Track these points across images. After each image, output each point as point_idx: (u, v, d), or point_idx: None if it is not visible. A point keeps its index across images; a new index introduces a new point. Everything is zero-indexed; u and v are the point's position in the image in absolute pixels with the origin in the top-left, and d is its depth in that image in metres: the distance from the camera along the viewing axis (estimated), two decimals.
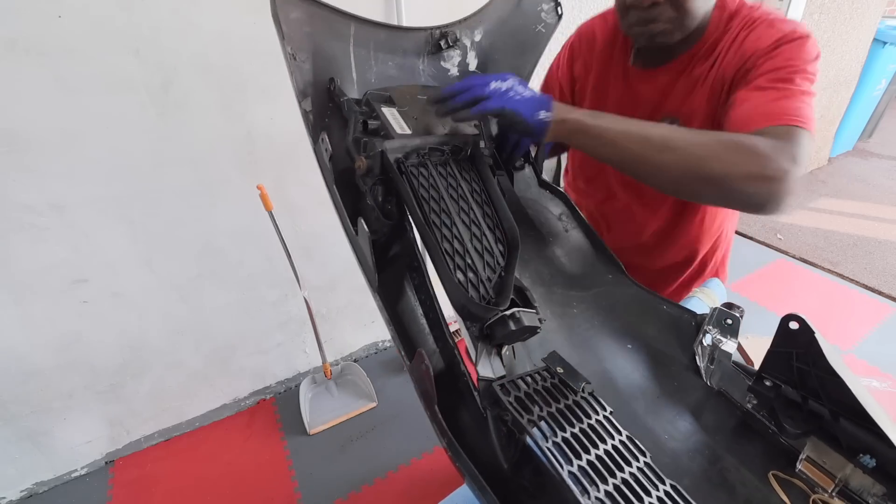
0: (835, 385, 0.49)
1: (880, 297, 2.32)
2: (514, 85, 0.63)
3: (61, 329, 1.31)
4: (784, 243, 2.76)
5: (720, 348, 0.62)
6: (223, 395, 1.70)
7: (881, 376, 1.86)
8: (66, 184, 1.17)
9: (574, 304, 0.72)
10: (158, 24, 1.12)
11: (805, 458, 0.53)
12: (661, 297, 0.71)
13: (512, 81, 0.63)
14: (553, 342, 0.67)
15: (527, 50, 0.83)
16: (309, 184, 1.47)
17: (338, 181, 0.62)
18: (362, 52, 0.72)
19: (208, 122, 1.27)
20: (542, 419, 0.47)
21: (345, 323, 1.84)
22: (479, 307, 0.51)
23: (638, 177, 0.63)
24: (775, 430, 0.56)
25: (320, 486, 1.49)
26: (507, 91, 0.62)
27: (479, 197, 0.64)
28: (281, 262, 1.46)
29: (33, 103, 1.07)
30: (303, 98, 0.65)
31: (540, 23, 0.82)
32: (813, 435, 0.53)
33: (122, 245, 1.30)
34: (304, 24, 0.65)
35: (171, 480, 1.52)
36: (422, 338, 0.60)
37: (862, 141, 4.05)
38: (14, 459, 1.39)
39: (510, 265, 0.57)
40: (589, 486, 0.42)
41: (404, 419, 1.69)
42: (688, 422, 0.60)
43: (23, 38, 1.01)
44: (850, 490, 0.50)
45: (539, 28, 0.82)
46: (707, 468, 0.55)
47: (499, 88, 0.62)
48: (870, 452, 0.49)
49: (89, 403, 1.45)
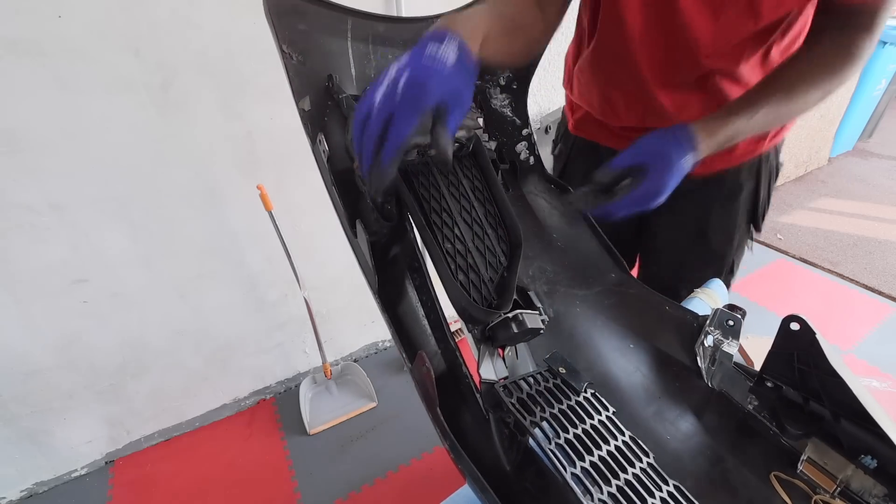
0: (836, 386, 0.49)
1: (880, 297, 2.32)
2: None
3: (61, 329, 1.31)
4: (784, 243, 2.76)
5: (721, 349, 0.62)
6: (223, 395, 1.70)
7: (881, 376, 1.86)
8: (66, 184, 1.17)
9: (577, 303, 0.72)
10: (158, 23, 1.12)
11: (806, 459, 0.53)
12: (664, 298, 0.71)
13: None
14: (555, 341, 0.67)
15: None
16: (309, 184, 1.47)
17: (337, 181, 0.61)
18: (360, 46, 0.70)
19: (208, 122, 1.27)
20: (545, 420, 0.47)
21: (345, 323, 1.84)
22: (480, 311, 0.50)
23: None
24: (776, 431, 0.57)
25: (320, 486, 1.49)
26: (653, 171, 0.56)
27: (481, 194, 0.63)
28: (281, 262, 1.46)
29: (33, 103, 1.07)
30: (300, 97, 0.64)
31: None
32: (814, 436, 0.53)
33: (122, 245, 1.30)
34: (298, 21, 0.64)
35: (171, 480, 1.51)
36: (423, 339, 0.59)
37: (862, 141, 4.05)
38: (14, 459, 1.39)
39: (513, 265, 0.56)
40: (592, 488, 0.42)
41: (404, 419, 1.69)
42: (689, 422, 0.60)
43: (23, 38, 1.01)
44: (852, 491, 0.50)
45: None
46: (709, 469, 0.55)
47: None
48: (871, 453, 0.49)
49: (89, 403, 1.44)
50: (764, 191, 0.88)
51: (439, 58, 0.44)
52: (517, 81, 0.82)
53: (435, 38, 0.45)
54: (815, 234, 2.83)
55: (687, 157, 0.57)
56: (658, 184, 0.56)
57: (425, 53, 0.44)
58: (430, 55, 0.44)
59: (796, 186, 3.33)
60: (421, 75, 0.43)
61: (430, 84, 0.43)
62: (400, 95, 0.42)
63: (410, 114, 0.42)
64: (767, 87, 0.64)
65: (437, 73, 0.43)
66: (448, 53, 0.45)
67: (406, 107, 0.42)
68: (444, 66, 0.44)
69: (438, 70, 0.44)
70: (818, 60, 0.63)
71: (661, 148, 0.57)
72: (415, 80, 0.43)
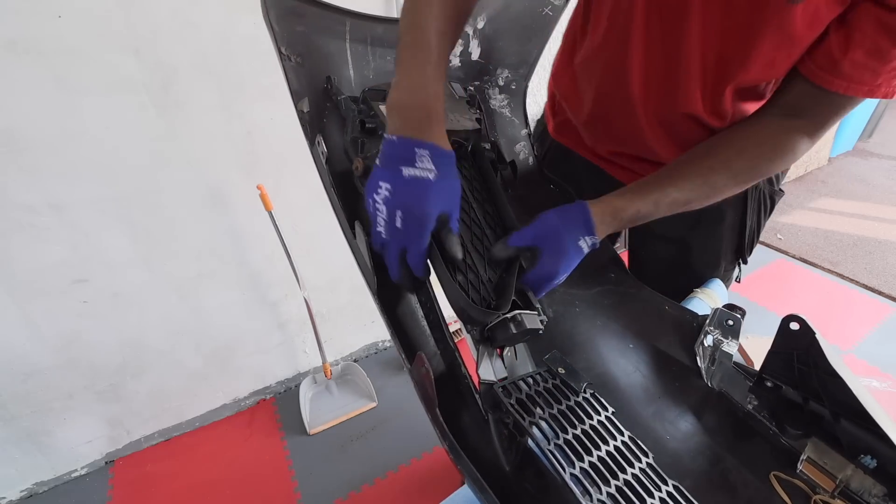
0: (836, 386, 0.49)
1: (880, 297, 2.32)
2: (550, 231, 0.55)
3: (61, 329, 1.31)
4: (784, 243, 2.76)
5: (721, 349, 0.62)
6: (223, 395, 1.70)
7: (881, 376, 1.86)
8: (66, 184, 1.17)
9: (576, 303, 0.72)
10: (158, 23, 1.12)
11: (806, 458, 0.53)
12: (664, 297, 0.71)
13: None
14: (554, 342, 0.67)
15: (533, 35, 0.79)
16: (309, 184, 1.47)
17: (336, 183, 0.61)
18: (359, 47, 0.70)
19: (208, 122, 1.27)
20: (544, 420, 0.47)
21: (345, 323, 1.84)
22: (479, 311, 0.49)
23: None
24: (776, 430, 0.57)
25: (320, 485, 1.49)
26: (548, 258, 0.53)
27: (479, 195, 0.63)
28: (281, 262, 1.46)
29: (33, 103, 1.06)
30: (298, 99, 0.64)
31: (547, 5, 0.77)
32: (814, 436, 0.53)
33: (122, 245, 1.30)
34: (296, 22, 0.64)
35: (171, 480, 1.51)
36: (423, 340, 0.59)
37: (862, 141, 4.05)
38: (14, 459, 1.39)
39: (512, 266, 0.56)
40: (591, 488, 0.42)
41: (404, 419, 1.69)
42: (689, 422, 0.60)
43: (23, 38, 1.01)
44: (851, 491, 0.50)
45: (546, 11, 0.77)
46: (708, 469, 0.55)
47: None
48: (871, 453, 0.49)
49: (89, 403, 1.45)
50: (751, 221, 0.83)
51: (422, 178, 0.46)
52: (515, 82, 0.82)
53: (405, 156, 0.46)
54: (814, 234, 2.83)
55: (580, 240, 0.54)
56: (551, 268, 0.53)
57: (405, 178, 0.46)
58: (411, 178, 0.46)
59: (796, 186, 3.33)
60: (415, 205, 0.46)
61: (427, 209, 0.46)
62: (404, 233, 0.46)
63: (419, 241, 0.47)
64: (684, 168, 0.61)
65: (427, 196, 0.46)
66: (425, 168, 0.46)
67: (414, 238, 0.47)
68: (429, 185, 0.46)
69: (426, 191, 0.46)
70: (751, 149, 0.60)
71: (556, 230, 0.54)
72: (411, 212, 0.46)
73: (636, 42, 0.62)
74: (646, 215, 0.58)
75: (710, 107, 0.63)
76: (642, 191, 0.58)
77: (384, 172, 0.46)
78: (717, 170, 0.60)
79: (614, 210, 0.57)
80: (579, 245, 0.54)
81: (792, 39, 0.53)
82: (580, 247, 0.54)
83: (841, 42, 0.52)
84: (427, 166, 0.46)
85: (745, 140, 0.60)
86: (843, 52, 0.52)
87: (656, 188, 0.58)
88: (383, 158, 0.47)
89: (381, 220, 0.47)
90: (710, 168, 0.60)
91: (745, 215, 0.82)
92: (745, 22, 0.54)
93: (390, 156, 0.47)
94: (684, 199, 0.59)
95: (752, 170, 0.61)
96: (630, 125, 0.70)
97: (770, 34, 0.53)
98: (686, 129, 0.67)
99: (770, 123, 0.60)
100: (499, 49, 0.79)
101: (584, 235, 0.54)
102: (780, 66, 0.57)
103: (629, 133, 0.72)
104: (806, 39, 0.53)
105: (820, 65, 0.54)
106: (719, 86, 0.61)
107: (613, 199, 0.57)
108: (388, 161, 0.47)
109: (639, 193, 0.58)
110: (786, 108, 0.60)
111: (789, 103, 0.59)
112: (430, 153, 0.47)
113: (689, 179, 0.59)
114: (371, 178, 0.47)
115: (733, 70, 0.58)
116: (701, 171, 0.60)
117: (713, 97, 0.62)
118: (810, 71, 0.55)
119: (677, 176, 0.60)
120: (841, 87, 0.53)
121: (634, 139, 0.72)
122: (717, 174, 0.60)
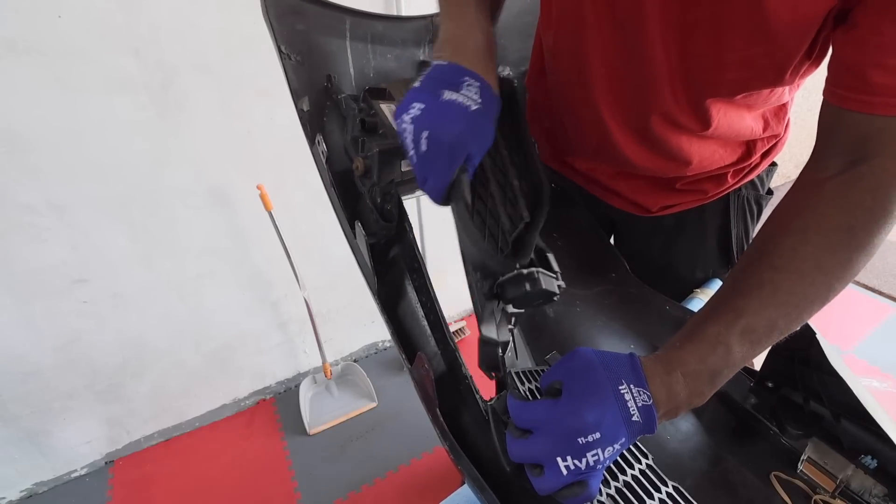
0: (836, 386, 0.49)
1: (880, 297, 2.32)
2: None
3: (61, 329, 1.31)
4: None
5: None
6: (223, 395, 1.69)
7: (881, 376, 1.86)
8: (66, 184, 1.17)
9: (577, 303, 0.72)
10: (158, 23, 1.12)
11: (806, 458, 0.53)
12: (664, 298, 0.71)
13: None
14: (555, 341, 0.67)
15: (535, 32, 0.76)
16: (309, 184, 1.47)
17: (336, 182, 0.61)
18: (359, 46, 0.70)
19: (208, 122, 1.27)
20: None
21: (345, 323, 1.83)
22: (495, 258, 0.43)
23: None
24: (777, 431, 0.57)
25: (320, 486, 1.49)
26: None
27: (508, 142, 0.53)
28: (281, 262, 1.46)
29: (33, 103, 1.07)
30: (298, 98, 0.64)
31: None
32: (814, 436, 0.53)
33: (122, 245, 1.30)
34: (296, 21, 0.64)
35: (171, 480, 1.51)
36: (423, 340, 0.59)
37: None
38: (14, 460, 1.39)
39: (535, 221, 0.48)
40: None
41: (404, 419, 1.69)
42: (689, 422, 0.60)
43: (23, 38, 1.01)
44: (852, 491, 0.50)
45: None
46: (709, 469, 0.55)
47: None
48: (871, 453, 0.49)
49: (89, 403, 1.44)
50: (737, 228, 0.76)
51: (463, 105, 0.41)
52: (517, 79, 0.82)
53: (452, 80, 0.42)
54: None
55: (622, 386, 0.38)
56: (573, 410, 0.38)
57: (444, 100, 0.41)
58: (450, 102, 0.41)
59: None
60: (446, 130, 0.41)
61: (460, 138, 0.41)
62: (426, 159, 0.41)
63: (443, 172, 0.42)
64: (742, 282, 0.44)
65: (463, 125, 0.41)
66: (470, 97, 0.42)
67: (437, 168, 0.42)
68: (468, 115, 0.41)
69: (463, 119, 0.41)
70: (831, 229, 0.42)
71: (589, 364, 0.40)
72: (438, 138, 0.41)
73: (592, 44, 0.57)
74: (716, 364, 0.41)
75: (687, 107, 0.57)
76: (694, 333, 0.42)
77: (420, 93, 0.41)
78: (790, 300, 0.43)
79: (668, 364, 0.41)
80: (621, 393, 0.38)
81: (768, 35, 0.45)
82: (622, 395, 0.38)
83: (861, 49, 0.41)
84: (473, 96, 0.42)
85: (819, 224, 0.43)
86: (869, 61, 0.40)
87: (712, 321, 0.42)
88: (425, 80, 0.42)
89: (408, 142, 0.42)
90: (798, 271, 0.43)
91: (728, 223, 0.77)
92: (709, 15, 0.47)
93: (435, 78, 0.42)
94: (765, 324, 0.42)
95: (829, 283, 0.42)
96: (598, 133, 0.65)
97: (740, 27, 0.46)
98: (661, 132, 0.61)
99: (835, 182, 0.44)
100: (501, 46, 0.78)
101: (630, 383, 0.38)
102: (761, 67, 0.50)
103: (599, 142, 0.67)
104: (790, 37, 0.45)
105: (847, 85, 0.42)
106: (693, 85, 0.54)
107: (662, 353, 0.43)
108: (431, 83, 0.42)
109: (690, 337, 0.42)
110: (844, 158, 0.44)
111: (846, 149, 0.44)
112: (481, 86, 0.43)
113: (757, 323, 0.42)
114: (404, 101, 0.42)
115: (706, 68, 0.52)
116: (783, 287, 0.43)
117: (687, 96, 0.55)
118: (840, 98, 0.43)
119: (739, 294, 0.43)
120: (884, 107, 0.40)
121: (606, 149, 0.67)
122: (792, 301, 0.43)
